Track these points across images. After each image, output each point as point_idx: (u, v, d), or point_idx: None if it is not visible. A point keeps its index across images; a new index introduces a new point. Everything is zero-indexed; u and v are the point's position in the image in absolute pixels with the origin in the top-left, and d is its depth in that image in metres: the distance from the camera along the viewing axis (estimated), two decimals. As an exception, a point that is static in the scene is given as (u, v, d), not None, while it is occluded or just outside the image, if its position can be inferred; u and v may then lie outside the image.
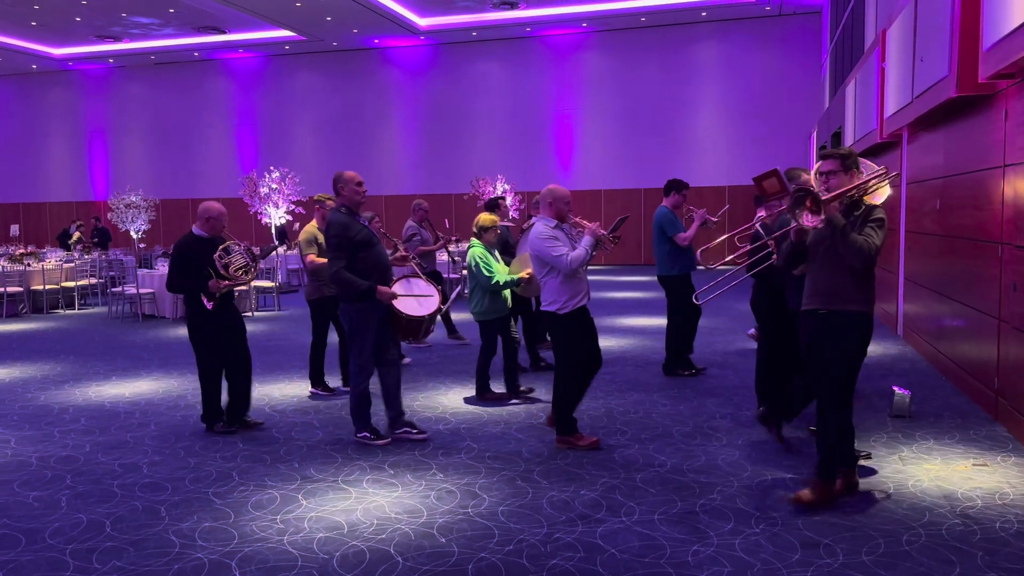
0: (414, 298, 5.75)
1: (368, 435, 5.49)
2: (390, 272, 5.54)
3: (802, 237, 4.30)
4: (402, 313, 5.59)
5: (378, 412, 5.80)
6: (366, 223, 5.51)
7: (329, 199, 7.18)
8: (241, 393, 5.90)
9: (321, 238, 6.95)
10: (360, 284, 5.24)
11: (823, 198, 4.03)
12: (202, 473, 4.92)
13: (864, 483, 4.52)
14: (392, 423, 5.62)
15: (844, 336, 4.17)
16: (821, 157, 4.37)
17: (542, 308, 5.35)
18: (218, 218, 5.77)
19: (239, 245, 5.80)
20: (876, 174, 4.30)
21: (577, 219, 5.35)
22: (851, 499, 4.29)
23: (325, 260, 6.76)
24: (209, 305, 5.59)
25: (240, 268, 5.69)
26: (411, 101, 24.00)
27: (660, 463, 4.97)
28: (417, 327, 5.71)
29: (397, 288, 5.61)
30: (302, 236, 7.06)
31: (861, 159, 4.36)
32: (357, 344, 5.41)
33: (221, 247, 5.70)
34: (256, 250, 6.11)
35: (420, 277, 6.00)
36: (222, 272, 5.62)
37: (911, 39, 7.79)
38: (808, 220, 4.03)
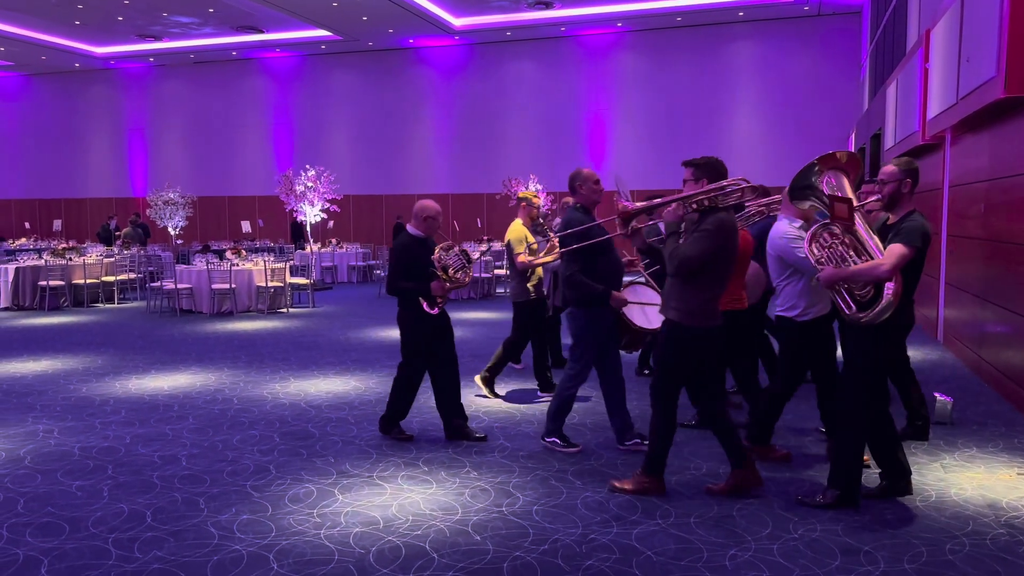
0: (640, 307, 5.39)
1: (557, 441, 5.24)
2: (623, 276, 5.22)
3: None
4: (632, 323, 5.23)
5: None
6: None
7: (535, 197, 6.91)
8: (453, 398, 5.56)
9: (531, 238, 6.72)
10: (595, 288, 4.95)
11: (621, 207, 4.31)
12: (240, 466, 4.98)
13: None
14: (620, 434, 5.27)
15: (663, 341, 4.31)
16: (683, 164, 4.47)
17: (777, 312, 4.88)
18: (435, 218, 5.42)
19: (455, 246, 5.52)
20: (712, 186, 4.22)
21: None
22: (890, 506, 4.22)
23: (537, 261, 6.52)
24: (434, 310, 5.32)
25: (459, 269, 5.41)
26: (445, 101, 24.08)
27: (696, 466, 4.93)
28: (641, 339, 5.37)
29: (626, 295, 5.28)
30: (511, 236, 6.67)
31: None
32: (580, 350, 5.12)
33: (439, 248, 5.42)
34: (472, 251, 5.87)
35: (650, 284, 5.58)
36: (441, 274, 5.33)
37: (956, 39, 7.64)
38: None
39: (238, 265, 12.93)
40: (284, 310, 13.01)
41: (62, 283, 13.53)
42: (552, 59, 23.06)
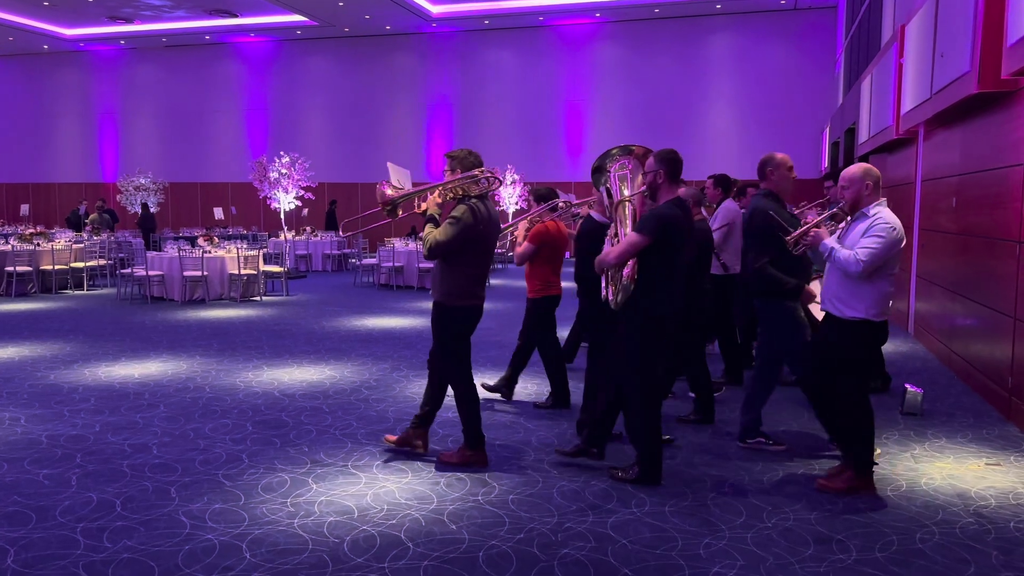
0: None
1: (762, 440, 5.03)
2: (812, 268, 4.90)
3: None
4: (817, 320, 4.86)
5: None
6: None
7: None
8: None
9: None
10: (787, 282, 4.64)
11: (380, 192, 4.65)
12: (212, 455, 4.92)
13: (877, 480, 4.48)
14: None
15: (432, 320, 4.68)
16: (444, 156, 4.79)
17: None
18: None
19: None
20: (458, 176, 4.63)
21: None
22: (862, 496, 4.26)
23: None
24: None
25: None
26: (422, 88, 23.94)
27: (670, 455, 4.94)
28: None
29: (814, 287, 4.91)
30: None
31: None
32: (779, 339, 4.82)
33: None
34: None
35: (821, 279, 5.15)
36: None
37: (931, 34, 7.71)
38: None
39: (210, 252, 12.77)
40: (257, 298, 12.87)
41: (29, 269, 13.27)
42: (530, 49, 22.99)
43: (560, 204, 6.14)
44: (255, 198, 21.63)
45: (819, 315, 4.84)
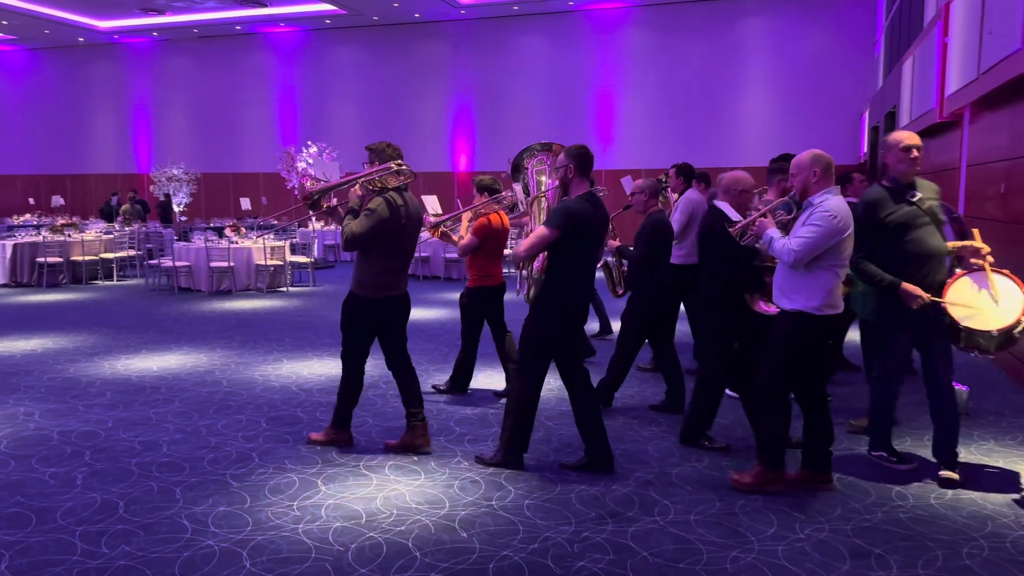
0: (982, 302, 4.29)
1: (885, 455, 4.56)
2: (936, 262, 4.29)
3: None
4: (955, 320, 4.24)
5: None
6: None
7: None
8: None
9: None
10: (882, 278, 4.23)
11: (300, 186, 4.64)
12: (221, 453, 4.78)
13: (919, 487, 4.21)
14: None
15: (342, 309, 4.79)
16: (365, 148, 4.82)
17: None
18: (749, 191, 4.73)
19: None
20: (375, 168, 4.61)
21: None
22: (903, 504, 3.98)
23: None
24: (768, 308, 4.54)
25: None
26: (450, 76, 23.71)
27: (697, 457, 4.70)
28: (977, 339, 4.26)
29: (960, 286, 4.30)
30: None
31: None
32: (886, 341, 4.41)
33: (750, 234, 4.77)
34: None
35: (997, 271, 4.39)
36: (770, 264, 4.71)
37: (979, 11, 7.29)
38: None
39: (237, 243, 12.72)
40: (283, 289, 12.80)
41: (60, 260, 13.35)
42: (560, 34, 22.62)
43: (507, 196, 5.98)
44: (286, 188, 21.61)
45: (968, 319, 4.28)
